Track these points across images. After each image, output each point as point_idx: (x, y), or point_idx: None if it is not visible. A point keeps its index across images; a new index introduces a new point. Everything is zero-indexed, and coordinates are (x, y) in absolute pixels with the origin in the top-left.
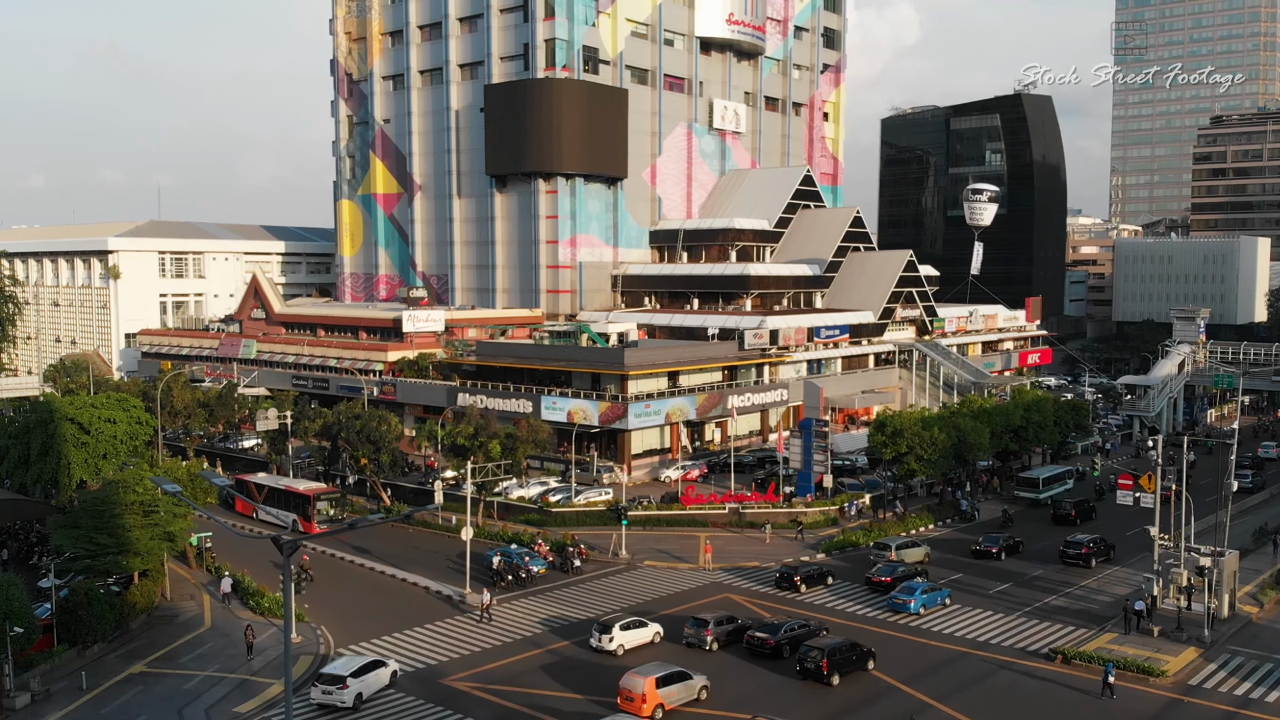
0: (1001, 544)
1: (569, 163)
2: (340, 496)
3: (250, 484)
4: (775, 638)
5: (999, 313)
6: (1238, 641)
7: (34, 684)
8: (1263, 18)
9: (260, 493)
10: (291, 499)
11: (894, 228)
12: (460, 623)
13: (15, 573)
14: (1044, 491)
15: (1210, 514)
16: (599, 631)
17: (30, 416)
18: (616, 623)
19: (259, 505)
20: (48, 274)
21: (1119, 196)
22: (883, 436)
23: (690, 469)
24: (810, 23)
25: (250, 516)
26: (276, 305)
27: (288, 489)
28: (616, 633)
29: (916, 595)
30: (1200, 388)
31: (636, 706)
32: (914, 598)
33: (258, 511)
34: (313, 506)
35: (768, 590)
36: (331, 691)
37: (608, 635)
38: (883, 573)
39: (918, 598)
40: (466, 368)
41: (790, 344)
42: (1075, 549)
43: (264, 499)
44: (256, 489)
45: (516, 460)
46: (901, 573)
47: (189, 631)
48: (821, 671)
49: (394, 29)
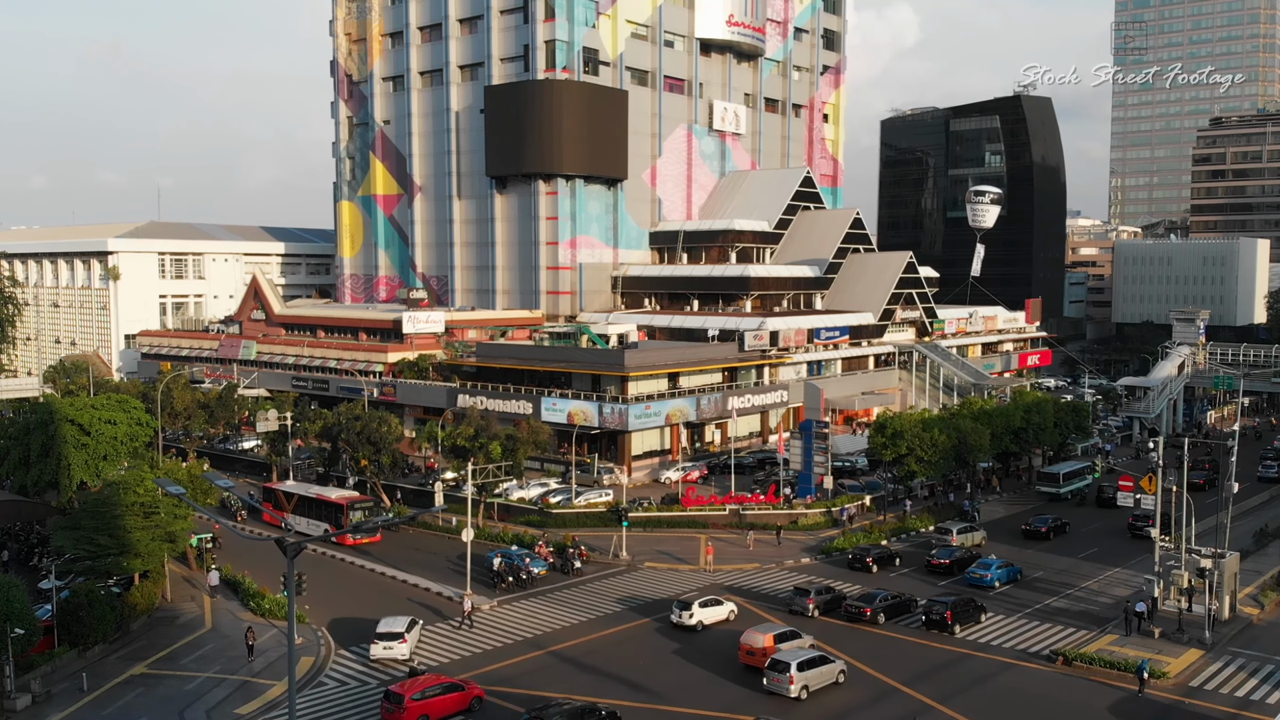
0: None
1: (569, 164)
2: (374, 505)
3: (279, 492)
4: (871, 606)
5: (999, 314)
6: (1239, 643)
7: (35, 685)
8: (1262, 19)
9: (289, 501)
10: (323, 508)
11: (893, 229)
12: (463, 624)
13: (16, 574)
14: (1065, 486)
15: (1211, 515)
16: (679, 608)
17: (30, 418)
18: (695, 600)
19: (288, 514)
20: (47, 275)
21: (1118, 198)
22: (883, 438)
23: (690, 470)
24: (810, 24)
25: (278, 527)
26: (276, 306)
27: (319, 497)
28: (696, 609)
29: (993, 570)
30: (1200, 389)
31: (757, 660)
32: (990, 571)
33: (287, 521)
34: (346, 516)
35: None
36: (391, 646)
37: (688, 611)
38: (942, 555)
39: (993, 572)
40: (466, 369)
41: (790, 345)
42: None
43: (294, 508)
44: (285, 497)
45: (517, 462)
46: (959, 556)
47: (190, 633)
48: (946, 621)
49: (394, 30)
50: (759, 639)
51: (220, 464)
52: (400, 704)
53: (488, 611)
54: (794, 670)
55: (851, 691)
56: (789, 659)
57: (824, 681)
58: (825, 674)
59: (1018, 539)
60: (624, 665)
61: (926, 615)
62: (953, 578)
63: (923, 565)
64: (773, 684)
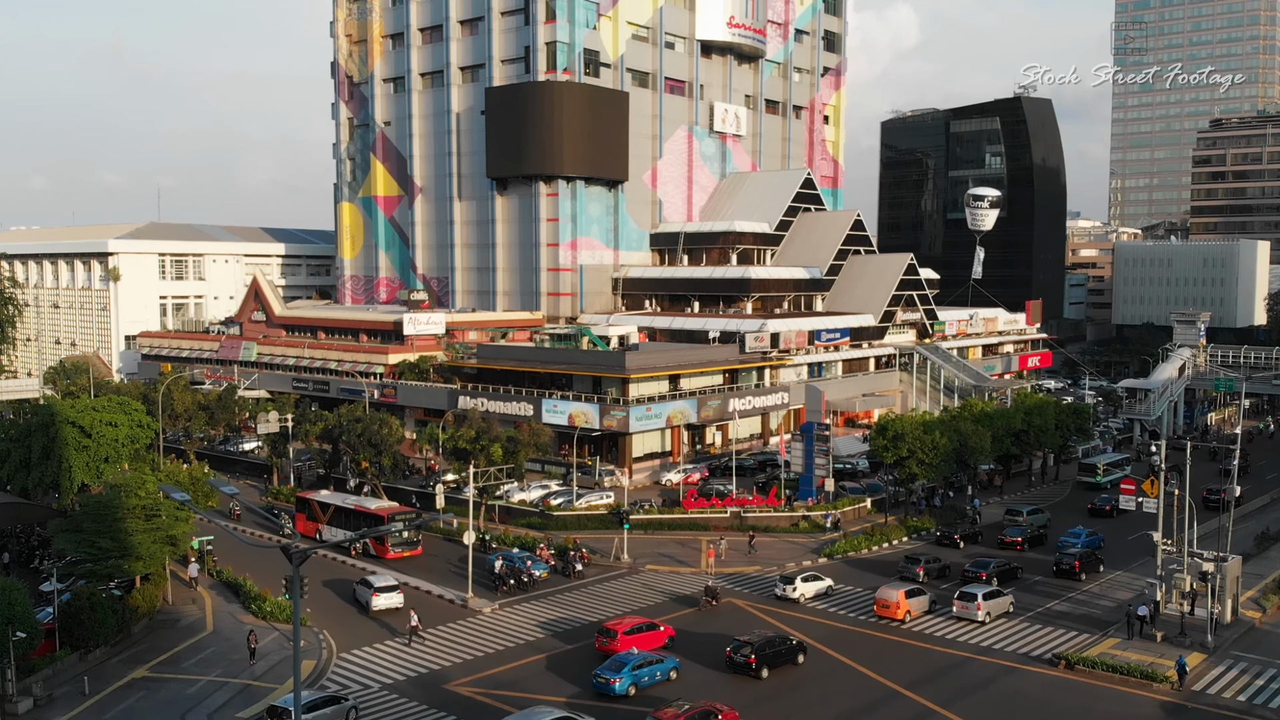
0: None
1: (570, 165)
2: (415, 516)
3: (314, 502)
4: (987, 571)
5: (999, 316)
6: (1241, 647)
7: (37, 689)
8: (1262, 20)
9: (325, 512)
10: (362, 519)
11: (894, 230)
12: (463, 627)
13: (17, 576)
14: (1104, 476)
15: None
16: (783, 582)
17: (31, 420)
18: (798, 575)
19: (323, 525)
20: (48, 276)
21: (1118, 199)
22: (884, 440)
23: (691, 472)
24: (811, 26)
25: (313, 538)
26: (277, 308)
27: (357, 508)
28: (799, 583)
29: (1081, 538)
30: (1201, 391)
31: (892, 612)
32: (1079, 541)
33: (321, 532)
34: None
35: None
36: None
37: (791, 585)
38: (1014, 534)
39: (1082, 540)
40: (467, 371)
41: (791, 347)
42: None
43: (329, 519)
44: (320, 507)
45: (518, 464)
46: (1029, 534)
47: (191, 636)
48: (1075, 570)
49: (395, 31)
50: (893, 594)
51: (220, 466)
52: (614, 636)
53: (489, 615)
54: (981, 599)
55: (1013, 620)
56: (976, 591)
57: (1001, 610)
58: (1002, 604)
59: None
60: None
61: (1057, 566)
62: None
63: (996, 544)
64: (961, 611)
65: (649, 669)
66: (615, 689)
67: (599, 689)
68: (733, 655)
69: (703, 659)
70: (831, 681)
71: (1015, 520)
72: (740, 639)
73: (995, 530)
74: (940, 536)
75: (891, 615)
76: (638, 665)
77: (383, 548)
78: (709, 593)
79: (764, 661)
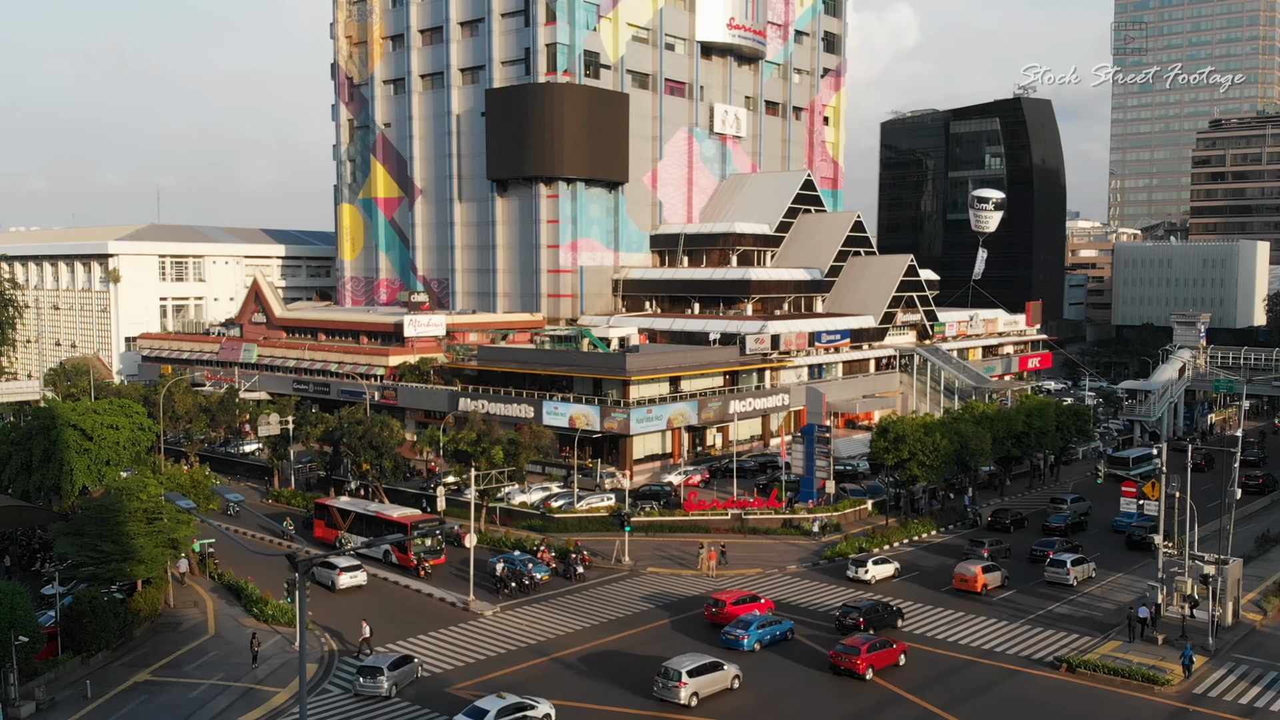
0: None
1: (570, 167)
2: (439, 524)
3: (333, 509)
4: (1053, 549)
5: (999, 317)
6: (1242, 649)
7: (39, 693)
8: (1261, 21)
9: (345, 519)
10: (383, 527)
11: (893, 231)
12: (466, 630)
13: (18, 579)
14: (1133, 470)
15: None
16: (855, 565)
17: (33, 423)
18: (870, 558)
19: (343, 532)
20: (48, 277)
21: (1118, 199)
22: (885, 442)
23: (692, 474)
24: (811, 27)
25: (332, 545)
26: (277, 309)
27: (378, 515)
28: (870, 566)
29: (1134, 516)
30: (1201, 393)
31: (970, 585)
32: (1133, 518)
33: (341, 540)
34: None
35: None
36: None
37: (863, 568)
38: (1056, 520)
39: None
40: (468, 372)
41: (791, 349)
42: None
43: (349, 526)
44: (340, 514)
45: (519, 466)
46: (1072, 520)
47: (193, 639)
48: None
49: (395, 33)
50: (971, 569)
51: (221, 467)
52: (723, 606)
53: (490, 618)
54: (1070, 565)
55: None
56: (1066, 558)
57: (1086, 575)
58: (1088, 569)
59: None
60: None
61: (1129, 539)
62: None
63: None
64: (1052, 575)
65: (770, 628)
66: (744, 644)
67: (728, 645)
68: (842, 618)
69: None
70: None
71: (1059, 508)
72: (849, 604)
73: (1039, 518)
74: (992, 522)
75: (970, 588)
76: (762, 624)
77: (405, 556)
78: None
79: (870, 624)
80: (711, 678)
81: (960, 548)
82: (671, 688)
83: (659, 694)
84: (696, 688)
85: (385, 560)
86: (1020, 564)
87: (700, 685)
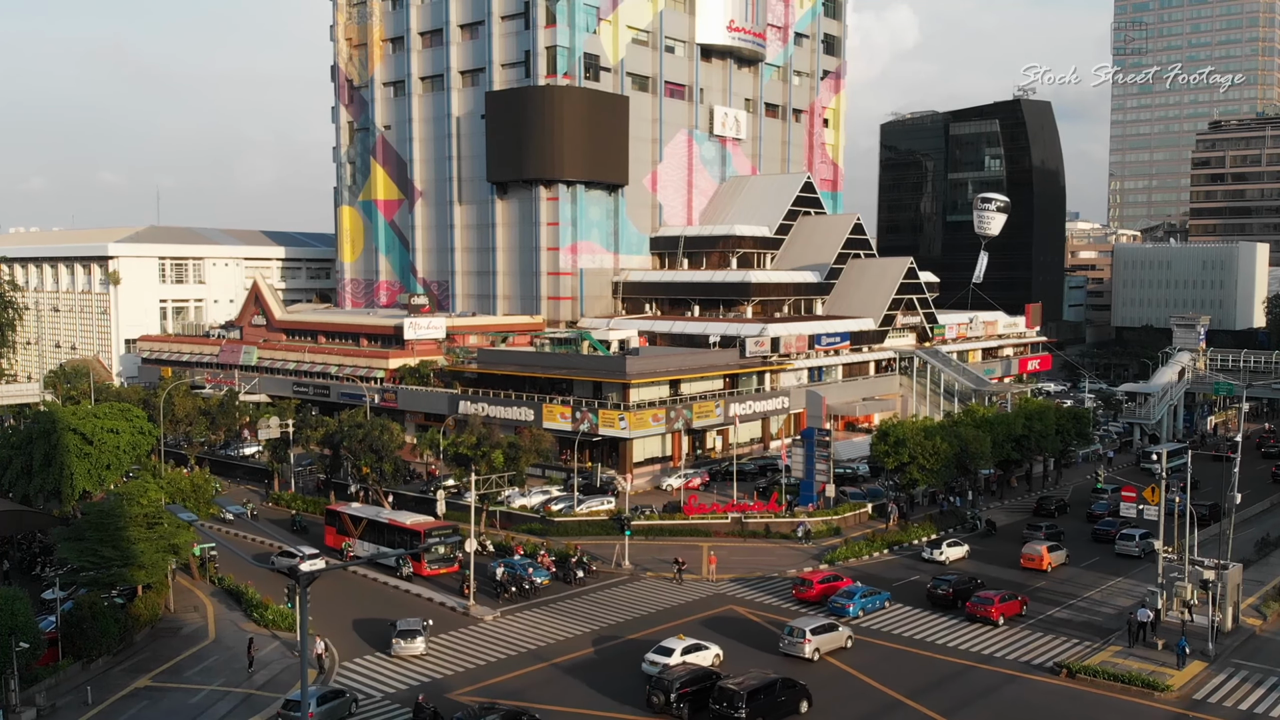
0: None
1: (570, 169)
2: (453, 530)
3: (344, 515)
4: (1114, 530)
5: (999, 319)
6: (1242, 654)
7: (40, 699)
8: (1261, 22)
9: (357, 525)
10: (397, 535)
11: (893, 232)
12: (465, 635)
13: (18, 583)
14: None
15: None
16: (931, 547)
17: (33, 427)
18: (944, 541)
19: (354, 539)
20: (47, 279)
21: (1117, 201)
22: (885, 445)
23: (692, 477)
24: (810, 29)
25: (341, 551)
26: (277, 311)
27: (391, 522)
28: (944, 548)
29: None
30: (1200, 395)
31: (1037, 563)
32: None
33: (352, 547)
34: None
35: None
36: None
37: (938, 550)
38: (1099, 508)
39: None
40: (468, 375)
41: (791, 351)
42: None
43: (361, 533)
44: (352, 521)
45: (519, 469)
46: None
47: (193, 644)
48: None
49: (395, 35)
50: (1038, 548)
51: (221, 470)
52: (810, 585)
53: (490, 623)
54: (1138, 539)
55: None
56: (1134, 532)
57: (1149, 549)
58: (1150, 544)
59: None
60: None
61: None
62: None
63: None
64: (1123, 549)
65: (870, 599)
66: (849, 612)
67: (835, 612)
68: (933, 590)
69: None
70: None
71: (1100, 496)
72: (940, 577)
73: (1081, 506)
74: (1037, 508)
75: (1036, 566)
76: (864, 595)
77: (419, 564)
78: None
79: (958, 595)
80: (830, 636)
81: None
82: (797, 643)
83: (784, 649)
84: (819, 644)
85: (400, 569)
86: (1082, 543)
87: (821, 642)
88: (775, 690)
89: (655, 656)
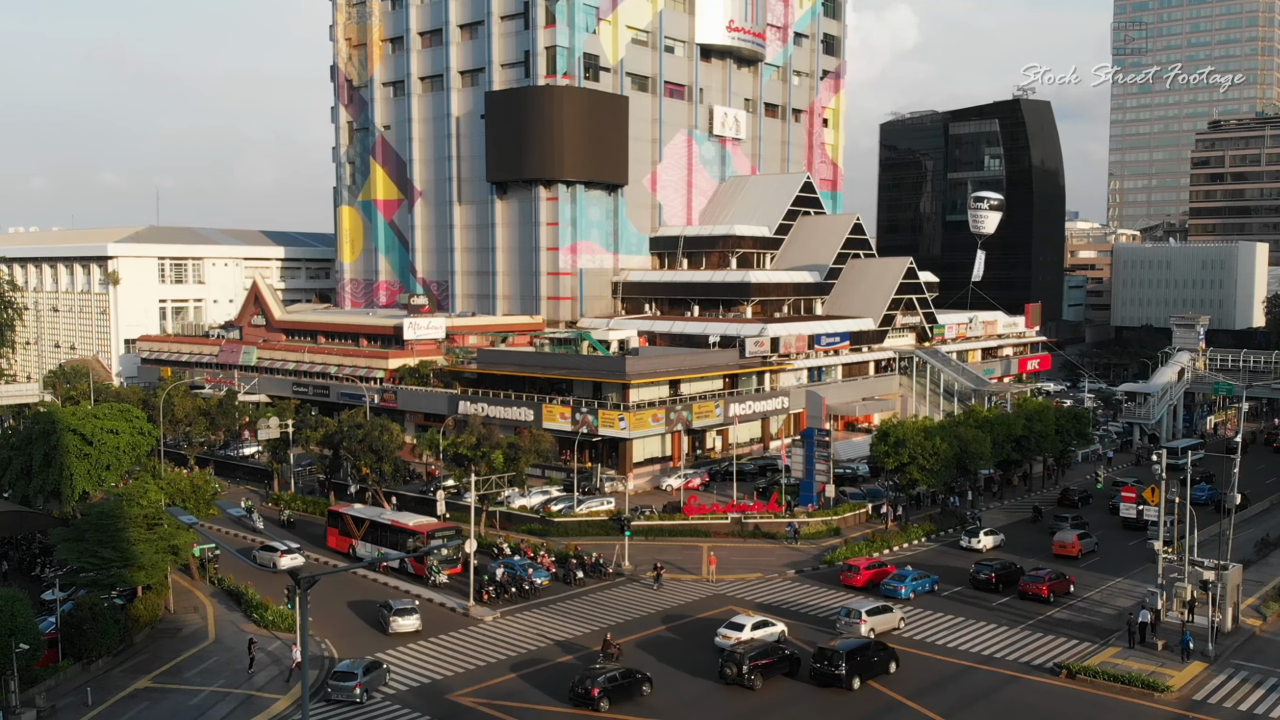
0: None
1: (570, 170)
2: (456, 532)
3: (347, 516)
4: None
5: (998, 319)
6: (1242, 655)
7: (40, 700)
8: (1261, 22)
9: (359, 527)
10: (400, 536)
11: (892, 232)
12: (465, 636)
13: (17, 584)
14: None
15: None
16: (968, 535)
17: (33, 427)
18: (982, 529)
19: (357, 541)
20: (47, 279)
21: (1117, 200)
22: (885, 446)
23: (692, 478)
24: (810, 29)
25: (345, 554)
26: (277, 312)
27: (394, 524)
28: (981, 536)
29: (1206, 491)
30: (1200, 395)
31: (1068, 550)
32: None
33: (355, 548)
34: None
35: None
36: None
37: (976, 539)
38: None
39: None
40: (468, 375)
41: (791, 351)
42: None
43: (364, 535)
44: (355, 522)
45: (519, 470)
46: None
47: (193, 645)
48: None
49: (394, 35)
50: (1069, 536)
51: (221, 471)
52: (857, 571)
53: (490, 623)
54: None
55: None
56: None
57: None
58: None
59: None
60: None
61: (1218, 507)
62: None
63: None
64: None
65: (920, 581)
66: (901, 593)
67: (888, 594)
68: (976, 574)
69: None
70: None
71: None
72: (981, 562)
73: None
74: (1061, 498)
75: (1067, 553)
76: (915, 578)
77: (422, 565)
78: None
79: (1001, 579)
80: (884, 618)
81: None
82: (853, 624)
83: (841, 629)
84: (874, 625)
85: (402, 570)
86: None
87: (876, 623)
88: (870, 651)
89: (727, 631)
